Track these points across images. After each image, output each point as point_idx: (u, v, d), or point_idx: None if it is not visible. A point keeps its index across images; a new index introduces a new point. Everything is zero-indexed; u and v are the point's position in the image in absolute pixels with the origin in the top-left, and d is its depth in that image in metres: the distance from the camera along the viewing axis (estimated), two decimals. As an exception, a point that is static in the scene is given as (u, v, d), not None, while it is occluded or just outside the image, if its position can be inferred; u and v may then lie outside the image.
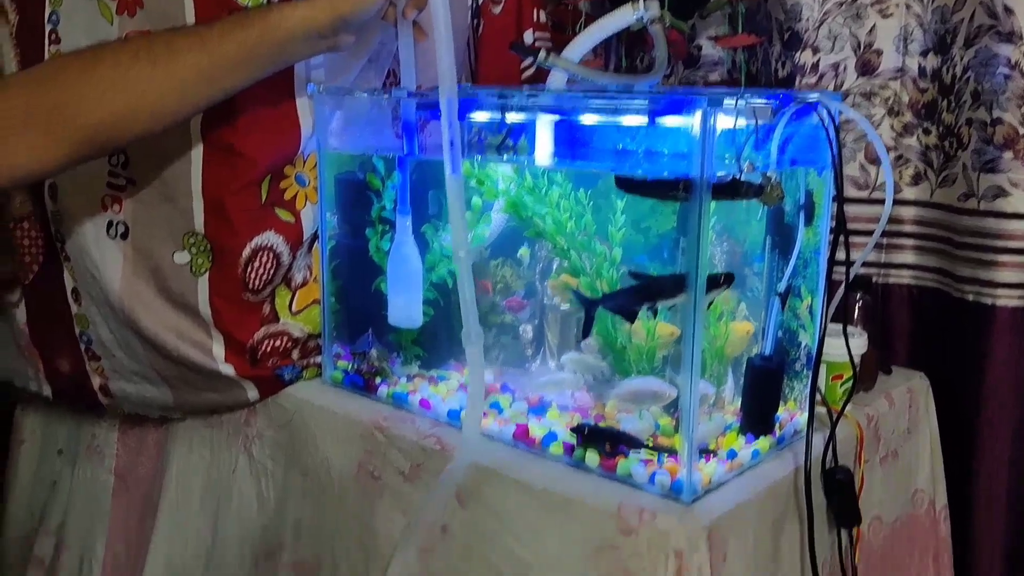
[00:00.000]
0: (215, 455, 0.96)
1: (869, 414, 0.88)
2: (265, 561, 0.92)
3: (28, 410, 1.14)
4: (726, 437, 0.78)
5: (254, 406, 0.93)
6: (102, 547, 1.05)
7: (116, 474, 1.05)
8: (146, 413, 0.99)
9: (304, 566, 0.88)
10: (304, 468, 0.89)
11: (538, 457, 0.77)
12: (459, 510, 0.78)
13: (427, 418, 0.84)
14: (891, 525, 0.92)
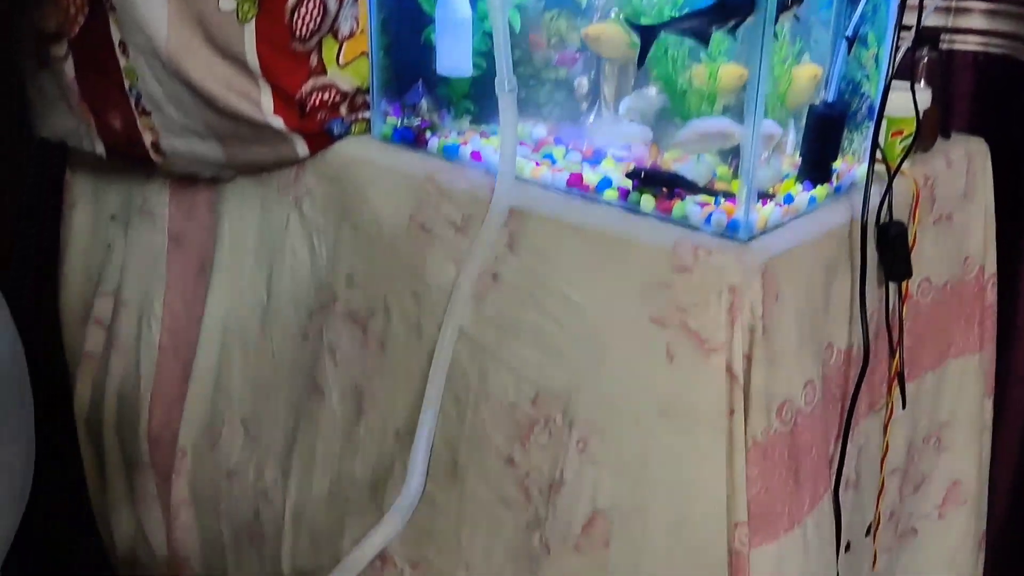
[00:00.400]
0: (266, 213, 0.97)
1: (926, 174, 0.87)
2: (319, 312, 0.94)
3: (78, 174, 1.14)
4: (784, 184, 0.77)
5: (303, 162, 0.93)
6: (159, 306, 1.08)
7: (169, 235, 1.07)
8: (197, 171, 0.99)
9: (358, 314, 0.90)
10: (355, 223, 0.89)
11: (592, 203, 0.77)
12: (510, 256, 0.78)
13: (479, 169, 0.83)
14: (939, 288, 0.92)
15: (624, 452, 0.74)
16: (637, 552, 0.74)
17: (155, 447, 1.13)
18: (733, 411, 0.70)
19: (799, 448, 0.75)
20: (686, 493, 0.73)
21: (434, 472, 0.87)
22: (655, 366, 0.71)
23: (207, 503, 1.09)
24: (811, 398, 0.75)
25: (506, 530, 0.83)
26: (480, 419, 0.83)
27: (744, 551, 0.73)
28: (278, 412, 1.00)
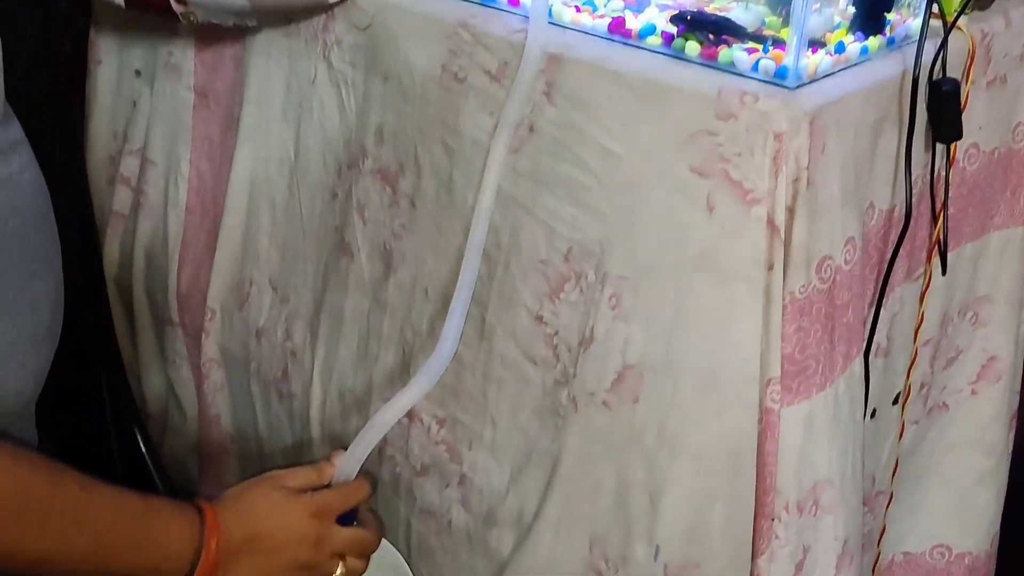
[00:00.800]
0: (294, 65, 0.95)
1: (983, 31, 0.83)
2: (348, 170, 0.92)
3: (103, 30, 1.12)
4: (835, 33, 0.74)
5: (332, 9, 0.90)
6: (186, 163, 1.07)
7: (195, 91, 1.05)
8: (220, 22, 0.96)
9: (387, 172, 0.89)
10: (385, 73, 0.87)
11: (634, 49, 0.74)
12: (547, 106, 0.76)
13: (516, 15, 0.80)
14: (987, 155, 0.89)
15: (657, 308, 0.73)
16: (666, 408, 0.74)
17: (184, 307, 1.13)
18: (772, 265, 0.69)
19: (836, 307, 0.73)
20: (719, 349, 0.72)
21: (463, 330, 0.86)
22: (693, 218, 0.70)
23: (236, 363, 1.10)
24: (851, 256, 0.73)
25: (533, 388, 0.83)
26: (510, 276, 0.82)
27: (775, 408, 0.72)
28: (306, 272, 1.00)
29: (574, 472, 0.80)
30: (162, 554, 0.66)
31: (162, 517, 0.66)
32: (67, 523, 0.61)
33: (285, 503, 0.73)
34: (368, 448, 0.79)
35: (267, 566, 0.71)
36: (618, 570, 0.78)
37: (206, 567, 0.67)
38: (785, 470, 0.74)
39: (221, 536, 0.68)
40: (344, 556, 0.76)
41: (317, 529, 0.74)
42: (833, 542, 0.78)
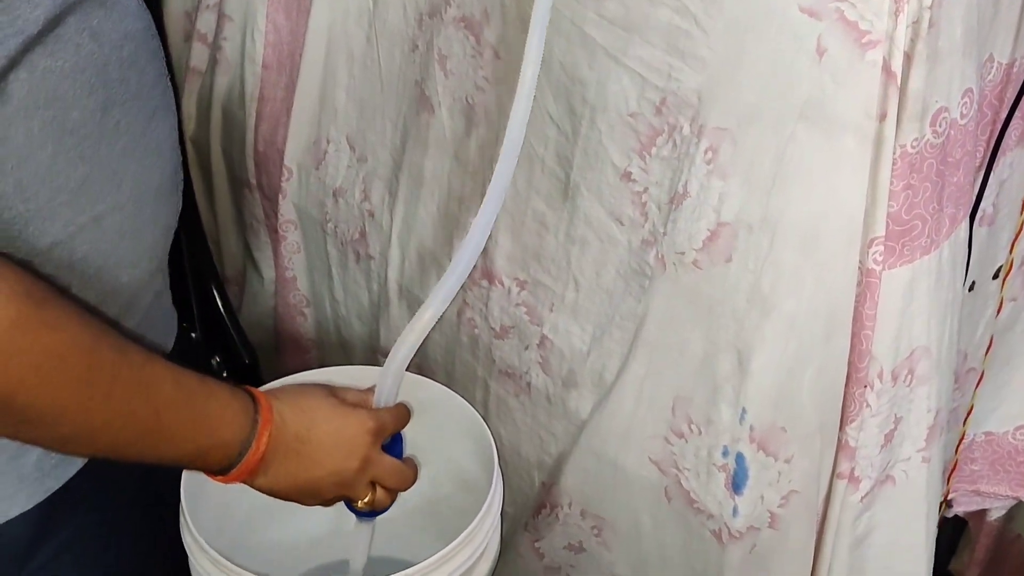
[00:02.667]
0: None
1: None
2: (429, 19, 0.89)
3: None
4: None
5: None
6: (263, 18, 1.04)
7: (272, -58, 1.01)
8: None
9: (471, 20, 0.85)
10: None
11: None
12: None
13: None
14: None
15: (757, 162, 0.69)
16: (760, 267, 0.71)
17: (260, 167, 1.12)
18: (885, 116, 0.65)
19: (948, 165, 0.69)
20: (821, 205, 0.68)
21: (545, 191, 0.84)
22: (802, 63, 0.65)
23: (313, 224, 1.09)
24: (968, 110, 0.68)
25: (619, 248, 0.81)
26: (596, 132, 0.79)
27: (877, 270, 0.69)
28: (385, 129, 0.98)
29: (659, 333, 0.78)
30: (214, 439, 0.63)
31: (219, 399, 0.64)
32: (132, 392, 0.59)
33: (345, 413, 0.71)
34: (401, 369, 0.76)
35: (310, 472, 0.68)
36: (701, 432, 0.77)
37: (253, 459, 0.65)
38: (882, 336, 0.71)
39: (274, 430, 0.66)
40: (376, 485, 0.74)
41: (369, 448, 0.71)
42: (926, 413, 0.76)
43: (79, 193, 0.63)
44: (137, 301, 0.73)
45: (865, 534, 0.78)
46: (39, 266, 0.63)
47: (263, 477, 0.67)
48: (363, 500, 0.73)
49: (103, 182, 0.65)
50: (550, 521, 0.93)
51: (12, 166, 0.59)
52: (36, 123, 0.59)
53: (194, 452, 0.63)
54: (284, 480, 0.68)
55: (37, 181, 0.60)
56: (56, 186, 0.62)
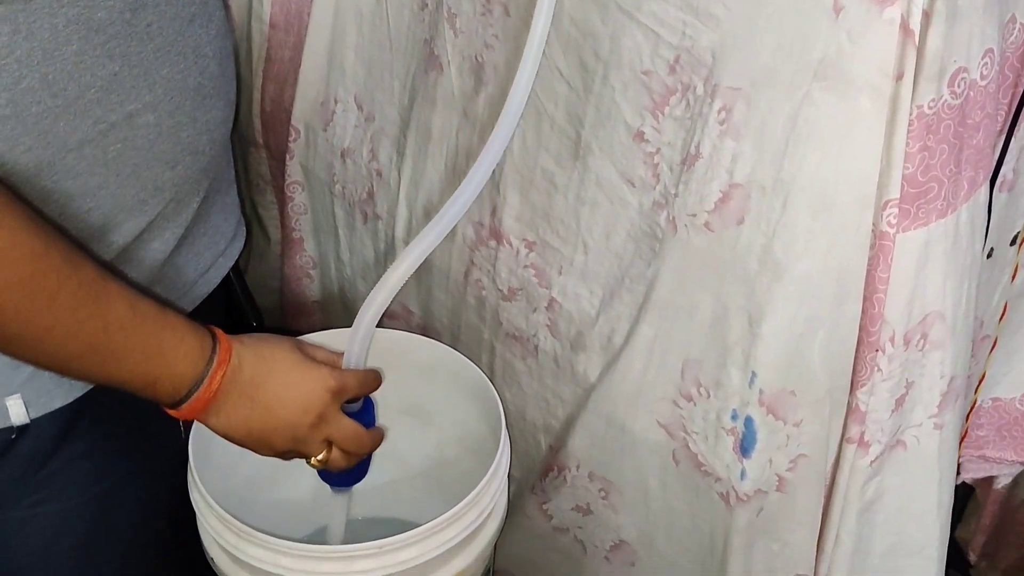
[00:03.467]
0: None
1: None
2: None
3: None
4: None
5: None
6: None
7: None
8: None
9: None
10: None
11: None
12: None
13: None
14: None
15: (771, 122, 0.68)
16: (773, 230, 0.70)
17: (267, 127, 1.11)
18: (902, 75, 0.63)
19: (967, 126, 0.68)
20: (835, 167, 0.67)
21: (555, 150, 0.83)
22: (818, 22, 0.64)
23: (320, 185, 1.08)
24: (988, 71, 0.67)
25: (629, 210, 0.80)
26: (608, 90, 0.77)
27: (891, 233, 0.68)
28: (393, 88, 0.96)
29: (669, 296, 0.77)
30: (165, 370, 0.63)
31: (176, 331, 0.63)
32: (79, 301, 0.58)
33: (305, 368, 0.70)
34: (370, 330, 0.74)
35: (260, 421, 0.68)
36: (710, 395, 0.76)
37: (205, 396, 0.64)
38: (895, 299, 0.70)
39: (230, 371, 0.65)
40: (331, 445, 0.73)
41: (325, 406, 0.70)
42: (939, 379, 0.75)
43: (109, 90, 0.64)
44: (184, 201, 0.74)
45: (874, 499, 0.77)
46: (73, 162, 0.65)
47: (215, 417, 0.66)
48: (316, 458, 0.73)
49: (134, 80, 0.66)
50: (557, 484, 0.92)
51: (38, 60, 0.60)
52: (60, 20, 0.60)
53: (143, 379, 0.63)
54: (236, 424, 0.67)
55: (64, 76, 0.62)
56: (84, 82, 0.63)
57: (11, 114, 0.61)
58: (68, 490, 0.75)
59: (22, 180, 0.63)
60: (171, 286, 0.78)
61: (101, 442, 0.76)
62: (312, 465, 0.74)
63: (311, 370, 0.70)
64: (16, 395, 0.69)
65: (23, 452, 0.72)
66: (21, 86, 0.60)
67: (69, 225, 0.67)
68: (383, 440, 0.79)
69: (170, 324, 0.63)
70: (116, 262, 0.72)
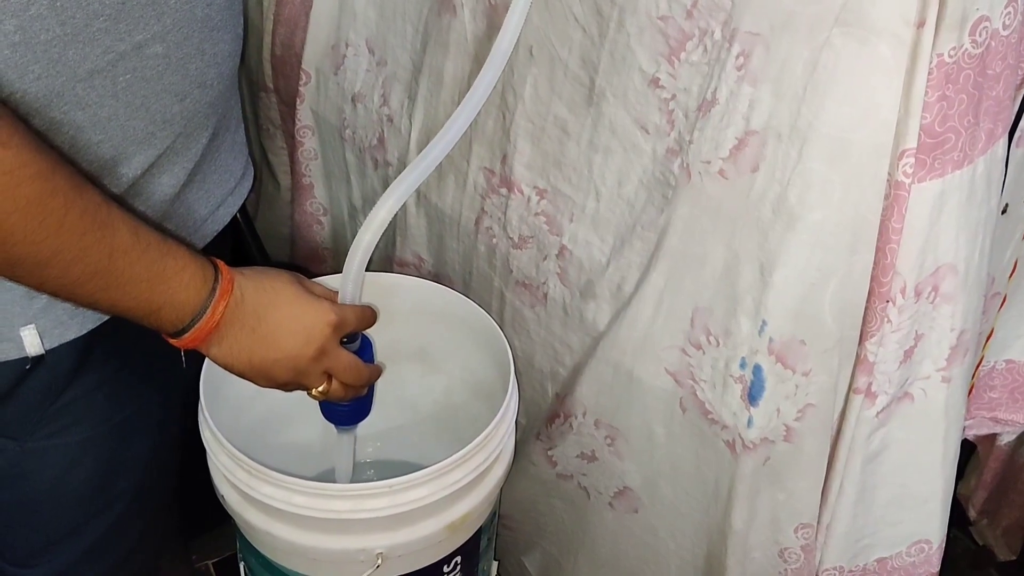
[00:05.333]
0: None
1: None
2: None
3: None
4: None
5: None
6: (282, -86, 1.02)
7: None
8: None
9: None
10: None
11: None
12: None
13: None
14: None
15: (789, 68, 0.67)
16: (788, 178, 0.70)
17: (278, 71, 1.10)
18: (923, 22, 0.62)
19: (987, 77, 0.67)
20: (853, 115, 0.66)
21: (568, 96, 0.82)
22: (841, -35, 0.63)
23: (330, 130, 1.08)
24: (1011, 20, 0.66)
25: (643, 157, 0.79)
26: (624, 35, 0.76)
27: (906, 183, 0.68)
28: (405, 32, 0.95)
29: (681, 244, 0.77)
30: (167, 297, 0.63)
31: (178, 260, 0.64)
32: (85, 226, 0.58)
33: (307, 301, 0.70)
34: (362, 267, 0.75)
35: (264, 351, 0.68)
36: (720, 343, 0.77)
37: (207, 326, 0.65)
38: (908, 250, 0.70)
39: (232, 302, 0.65)
40: (331, 377, 0.73)
41: (326, 339, 0.71)
42: (948, 332, 0.75)
43: (117, 19, 0.64)
44: (193, 135, 0.75)
45: (879, 450, 0.78)
46: (83, 92, 0.65)
47: (216, 347, 0.67)
48: (317, 389, 0.73)
49: (142, 10, 0.65)
50: (563, 430, 0.93)
51: None
52: None
53: (146, 306, 0.63)
54: (238, 355, 0.68)
55: (73, 3, 0.61)
56: (92, 11, 0.62)
57: (20, 40, 0.60)
58: (82, 421, 0.76)
59: (32, 110, 0.63)
60: (181, 223, 0.78)
61: (115, 374, 0.77)
62: (312, 396, 0.74)
63: (312, 303, 0.71)
64: (31, 325, 0.69)
65: (38, 383, 0.73)
66: (30, 12, 0.60)
67: (79, 157, 0.67)
68: (381, 375, 0.80)
69: (172, 252, 0.63)
70: (126, 196, 0.72)
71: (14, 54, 0.60)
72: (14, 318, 0.69)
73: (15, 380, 0.72)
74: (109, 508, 0.83)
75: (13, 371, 0.71)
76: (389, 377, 0.89)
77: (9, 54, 0.60)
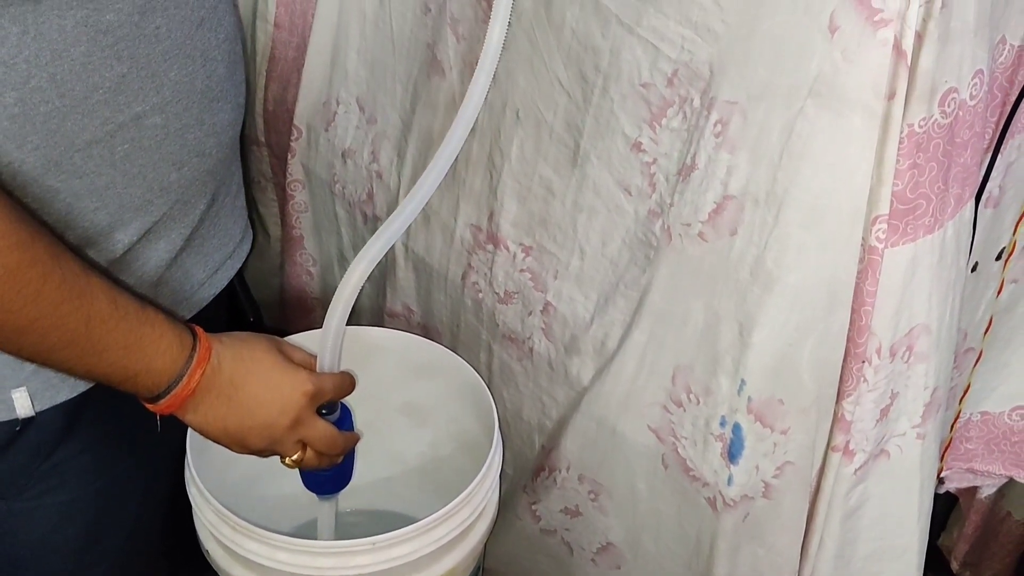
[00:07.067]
0: None
1: None
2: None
3: None
4: None
5: None
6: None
7: None
8: None
9: (486, -15, 0.85)
10: None
11: None
12: (662, -85, 0.71)
13: None
14: None
15: (765, 136, 0.70)
16: (765, 241, 0.72)
17: (270, 126, 1.12)
18: (894, 94, 0.65)
19: (955, 145, 0.69)
20: (827, 182, 0.69)
21: (553, 157, 0.85)
22: (814, 40, 0.65)
23: (321, 184, 1.10)
24: (977, 91, 0.69)
25: (626, 218, 0.81)
26: (608, 101, 0.79)
27: (880, 247, 0.70)
28: (395, 91, 0.98)
29: (662, 303, 0.79)
30: (144, 364, 0.63)
31: (156, 327, 0.64)
32: (63, 295, 0.59)
33: (284, 369, 0.71)
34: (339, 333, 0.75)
35: (237, 421, 0.69)
36: (700, 401, 0.78)
37: (183, 393, 0.65)
38: (882, 312, 0.72)
39: (209, 370, 0.66)
40: (306, 446, 0.74)
41: (301, 409, 0.71)
42: (923, 391, 0.77)
43: (117, 92, 0.65)
44: (191, 202, 0.76)
45: (858, 506, 0.79)
46: (80, 162, 0.66)
47: (192, 414, 0.67)
48: (291, 458, 0.74)
49: (142, 82, 0.67)
50: (548, 484, 0.94)
51: (46, 60, 0.61)
52: (69, 21, 0.61)
53: (123, 372, 0.63)
54: (213, 421, 0.68)
55: (72, 77, 0.62)
56: (92, 83, 0.64)
57: (20, 113, 0.62)
58: (70, 483, 0.77)
59: (30, 179, 0.64)
60: (178, 287, 0.79)
61: (103, 436, 0.78)
62: (287, 465, 0.75)
63: (289, 373, 0.71)
64: (22, 388, 0.70)
65: (28, 444, 0.73)
66: (30, 85, 0.61)
67: (75, 224, 0.68)
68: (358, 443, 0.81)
69: (150, 320, 0.64)
70: (122, 262, 0.73)
71: (13, 125, 0.62)
72: (5, 380, 0.70)
73: (5, 441, 0.72)
74: (95, 567, 0.83)
75: (3, 432, 0.72)
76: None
77: (8, 125, 0.61)
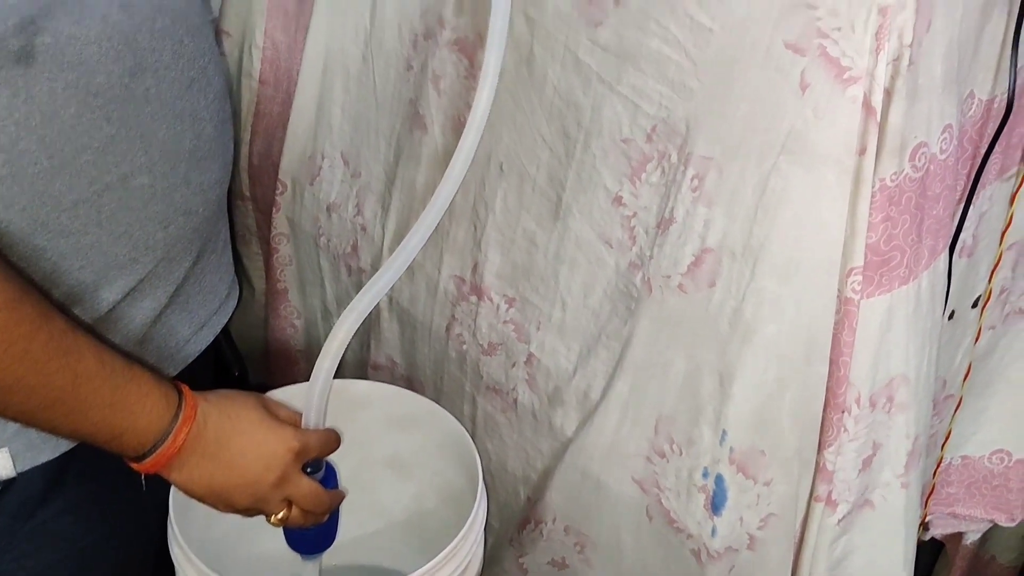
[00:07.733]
0: (373, -69, 0.92)
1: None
2: (424, 40, 0.90)
3: None
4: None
5: None
6: (261, 34, 1.06)
7: (271, -41, 1.03)
8: None
9: (465, 43, 0.87)
10: (468, -59, 0.84)
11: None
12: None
13: None
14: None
15: (740, 191, 0.71)
16: (743, 293, 0.73)
17: (255, 180, 1.14)
18: (864, 150, 0.66)
19: (927, 198, 0.71)
20: (802, 235, 0.70)
21: (536, 210, 0.86)
22: (785, 98, 0.67)
23: (305, 237, 1.11)
24: (947, 145, 0.70)
25: (607, 270, 0.82)
26: (590, 156, 0.80)
27: (856, 299, 0.71)
28: (379, 145, 0.99)
29: (644, 355, 0.80)
30: (129, 423, 0.63)
31: (142, 386, 0.64)
32: (51, 353, 0.58)
33: (270, 426, 0.70)
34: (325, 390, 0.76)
35: (222, 478, 0.68)
36: (682, 452, 0.79)
37: (168, 452, 0.65)
38: (860, 363, 0.73)
39: (195, 428, 0.66)
40: (291, 504, 0.73)
41: (287, 466, 0.71)
42: (905, 440, 0.78)
43: (105, 152, 0.66)
44: (176, 260, 0.76)
45: (842, 557, 0.79)
46: (67, 221, 0.66)
47: (177, 472, 0.67)
48: (276, 516, 0.73)
49: (130, 143, 0.67)
50: (534, 537, 0.94)
51: (36, 123, 0.62)
52: (59, 84, 0.62)
53: (108, 431, 0.63)
54: (198, 480, 0.68)
55: (61, 138, 0.63)
56: (81, 144, 0.64)
57: (7, 174, 0.62)
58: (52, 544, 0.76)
59: (16, 238, 0.64)
60: (163, 343, 0.79)
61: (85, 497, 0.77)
62: (272, 523, 0.74)
63: (274, 430, 0.71)
64: (3, 448, 0.70)
65: (9, 505, 0.72)
66: (18, 147, 0.62)
67: (60, 281, 0.68)
68: (342, 501, 0.80)
69: (136, 378, 0.64)
70: (107, 320, 0.73)
71: (0, 187, 0.62)
72: None
73: None
74: None
75: None
76: (360, 482, 0.90)
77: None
